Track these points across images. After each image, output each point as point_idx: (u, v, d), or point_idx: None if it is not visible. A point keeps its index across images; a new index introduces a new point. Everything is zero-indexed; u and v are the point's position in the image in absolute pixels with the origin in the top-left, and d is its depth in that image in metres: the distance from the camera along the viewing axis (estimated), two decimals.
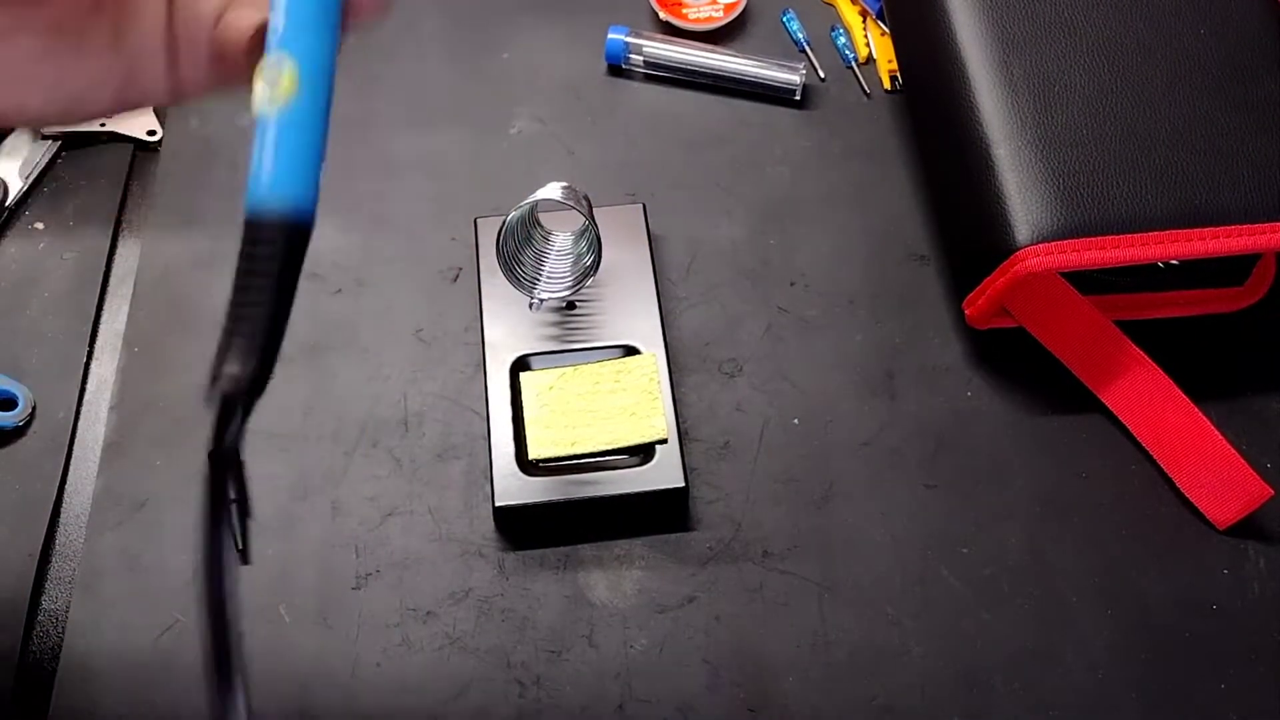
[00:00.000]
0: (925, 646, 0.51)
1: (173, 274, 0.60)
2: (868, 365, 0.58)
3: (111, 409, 0.56)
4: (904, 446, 0.56)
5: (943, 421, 0.56)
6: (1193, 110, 0.55)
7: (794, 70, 0.66)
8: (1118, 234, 0.52)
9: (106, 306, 0.60)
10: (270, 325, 0.31)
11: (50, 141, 0.64)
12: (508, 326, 0.56)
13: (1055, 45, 0.57)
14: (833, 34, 0.70)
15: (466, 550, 0.53)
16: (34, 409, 0.56)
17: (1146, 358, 0.55)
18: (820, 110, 0.67)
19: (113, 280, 0.61)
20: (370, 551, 0.53)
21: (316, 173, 0.31)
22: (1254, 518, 0.53)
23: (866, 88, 0.68)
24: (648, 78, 0.68)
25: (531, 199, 0.54)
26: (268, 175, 0.31)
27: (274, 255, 0.30)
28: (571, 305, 0.57)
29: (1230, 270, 0.58)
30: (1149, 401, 0.55)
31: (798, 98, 0.66)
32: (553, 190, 0.54)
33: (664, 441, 0.53)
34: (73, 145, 0.65)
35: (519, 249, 0.57)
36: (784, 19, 0.70)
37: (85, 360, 0.58)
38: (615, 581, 0.52)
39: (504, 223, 0.55)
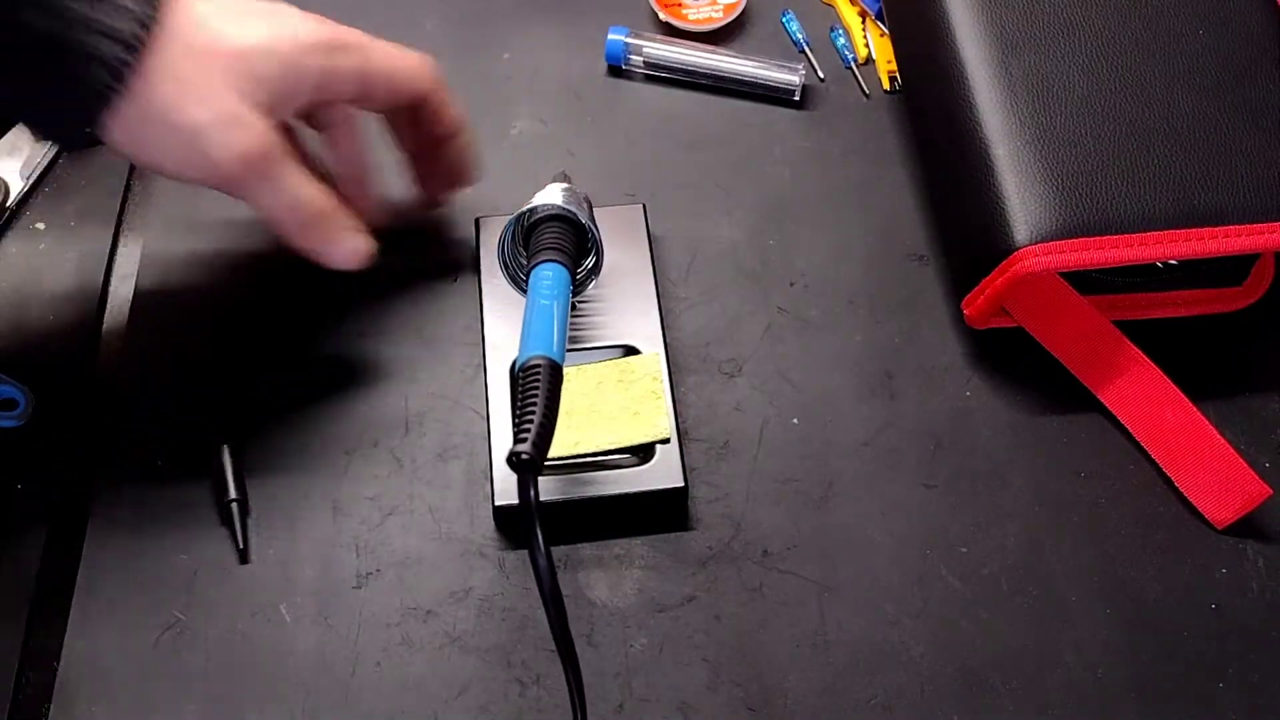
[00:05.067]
0: (925, 646, 0.51)
1: (173, 274, 0.60)
2: (867, 365, 0.58)
3: (112, 409, 0.57)
4: (904, 446, 0.56)
5: (942, 421, 0.57)
6: (1192, 110, 0.55)
7: (794, 71, 0.66)
8: (1117, 234, 0.52)
9: (107, 307, 0.60)
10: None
11: (51, 142, 0.64)
12: (508, 326, 0.56)
13: (1054, 45, 0.57)
14: (832, 34, 0.70)
15: (467, 550, 0.53)
16: (34, 409, 0.56)
17: (1145, 358, 0.55)
18: (820, 110, 0.67)
19: (113, 280, 0.61)
20: (370, 551, 0.53)
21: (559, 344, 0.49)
22: (1253, 517, 0.53)
23: (866, 88, 0.68)
24: (648, 78, 0.68)
25: (533, 202, 0.54)
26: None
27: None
28: (571, 306, 0.57)
29: (1229, 270, 0.58)
30: (1148, 401, 0.55)
31: (797, 98, 0.67)
32: (553, 192, 0.54)
33: (666, 441, 0.53)
34: None
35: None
36: (784, 19, 0.70)
37: (86, 361, 0.58)
38: (615, 581, 0.52)
39: (506, 225, 0.55)
